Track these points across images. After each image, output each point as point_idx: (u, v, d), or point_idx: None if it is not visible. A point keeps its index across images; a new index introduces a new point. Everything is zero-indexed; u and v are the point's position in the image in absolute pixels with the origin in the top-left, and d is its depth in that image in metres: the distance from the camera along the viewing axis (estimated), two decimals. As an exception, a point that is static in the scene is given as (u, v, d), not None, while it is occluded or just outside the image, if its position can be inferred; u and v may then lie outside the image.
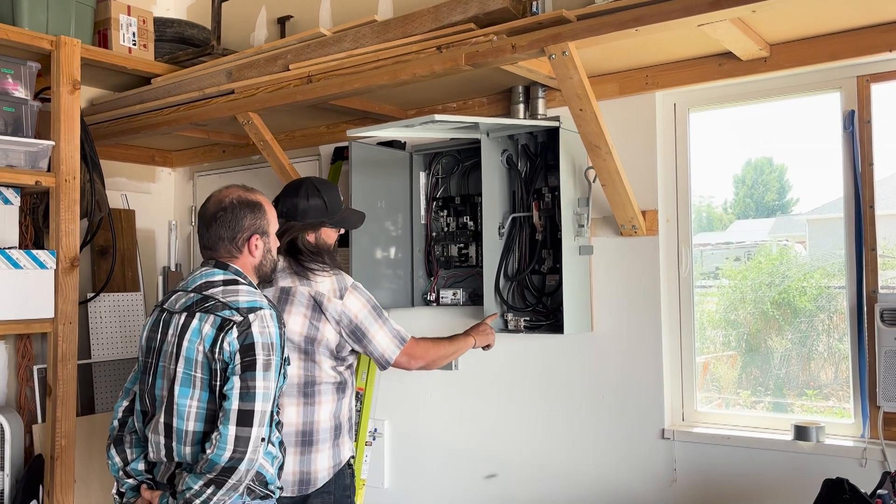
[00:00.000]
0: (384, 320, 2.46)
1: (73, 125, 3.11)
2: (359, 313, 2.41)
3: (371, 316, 2.43)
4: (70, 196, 3.09)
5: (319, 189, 2.51)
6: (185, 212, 4.41)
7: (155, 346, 2.12)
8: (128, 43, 3.53)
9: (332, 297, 2.39)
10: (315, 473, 2.37)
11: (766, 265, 2.93)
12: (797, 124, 2.81)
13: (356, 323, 2.41)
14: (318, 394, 2.39)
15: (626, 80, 2.88)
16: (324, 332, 2.39)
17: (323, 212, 2.49)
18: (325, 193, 2.50)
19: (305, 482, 2.35)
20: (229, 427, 1.93)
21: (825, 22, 2.41)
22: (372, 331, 2.42)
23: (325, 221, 2.50)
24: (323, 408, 2.39)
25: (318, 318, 2.38)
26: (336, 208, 2.54)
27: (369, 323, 2.42)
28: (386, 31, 2.85)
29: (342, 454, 2.44)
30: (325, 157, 3.74)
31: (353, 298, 2.41)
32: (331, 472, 2.40)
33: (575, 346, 2.99)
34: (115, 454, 2.18)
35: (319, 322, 2.38)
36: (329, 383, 2.41)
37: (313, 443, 2.37)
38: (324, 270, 2.43)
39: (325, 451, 2.40)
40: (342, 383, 2.45)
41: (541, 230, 2.97)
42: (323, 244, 2.51)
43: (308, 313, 2.38)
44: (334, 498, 2.42)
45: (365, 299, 2.44)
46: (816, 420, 2.62)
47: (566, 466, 3.00)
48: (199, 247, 2.19)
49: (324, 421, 2.39)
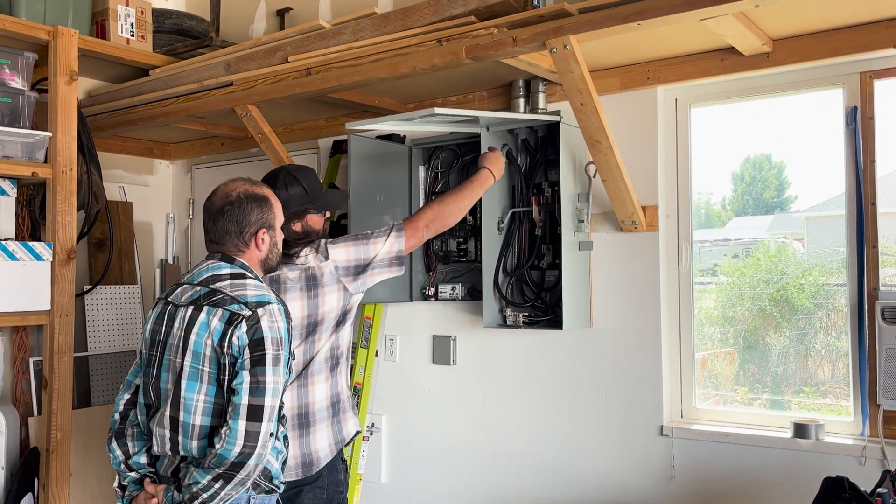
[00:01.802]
0: (372, 236, 2.47)
1: (71, 116, 3.09)
2: (348, 254, 2.43)
3: (359, 244, 2.45)
4: (67, 188, 3.07)
5: (297, 176, 2.49)
6: (183, 204, 4.39)
7: (160, 339, 2.10)
8: (126, 34, 3.51)
9: (321, 265, 2.40)
10: (316, 453, 2.37)
11: (765, 262, 2.92)
12: (796, 121, 2.80)
13: (353, 262, 2.43)
14: (311, 374, 2.39)
15: (626, 75, 2.87)
16: (325, 306, 2.39)
17: (305, 198, 2.48)
18: (303, 180, 2.49)
19: (308, 464, 2.35)
20: (239, 422, 1.92)
21: (828, 17, 2.39)
22: (371, 252, 2.44)
23: (308, 208, 2.49)
24: (317, 388, 2.40)
25: (316, 293, 2.39)
26: (317, 192, 2.52)
27: (363, 249, 2.44)
28: (386, 24, 2.83)
29: (345, 430, 2.44)
30: (324, 150, 3.73)
31: (335, 248, 2.43)
32: (332, 451, 2.40)
33: (574, 342, 2.97)
34: (116, 447, 2.16)
35: (318, 297, 2.38)
36: (321, 363, 2.41)
37: (310, 424, 2.37)
38: (302, 248, 2.42)
39: (324, 430, 2.40)
40: (336, 361, 2.45)
41: (540, 225, 2.95)
42: (311, 230, 2.51)
43: (303, 294, 2.37)
44: (327, 494, 2.41)
45: (343, 241, 2.46)
46: (816, 418, 2.61)
47: (564, 462, 3.00)
48: (205, 240, 2.18)
49: (319, 401, 2.40)
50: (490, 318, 2.93)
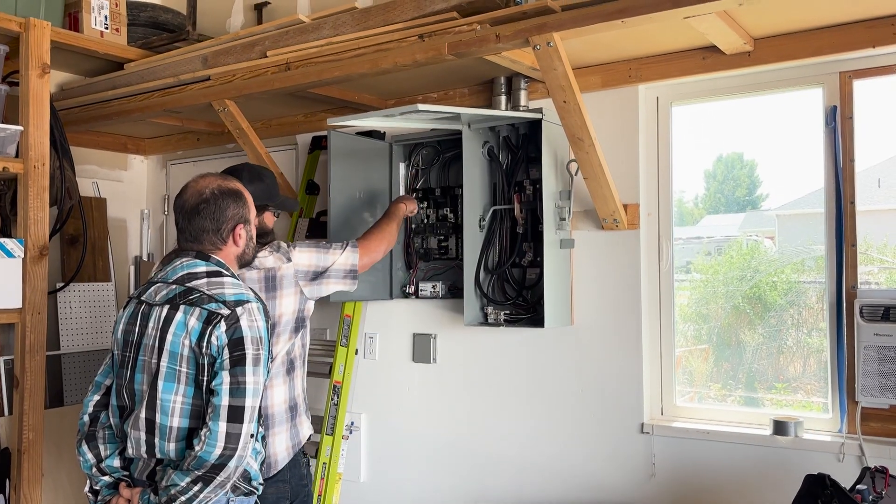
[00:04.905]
0: (331, 246, 2.59)
1: (43, 110, 3.02)
2: (309, 259, 2.51)
3: (320, 252, 2.55)
4: (39, 183, 3.00)
5: (260, 173, 2.55)
6: (158, 200, 4.32)
7: (133, 339, 2.05)
8: (100, 27, 3.44)
9: (282, 266, 2.44)
10: (274, 456, 2.39)
11: (738, 260, 2.94)
12: (771, 120, 2.82)
13: (312, 267, 2.51)
14: (269, 377, 2.37)
15: (608, 73, 2.86)
16: (281, 307, 2.42)
17: (266, 195, 2.52)
18: (266, 177, 2.55)
19: (267, 466, 2.36)
20: (219, 423, 1.89)
21: (810, 17, 2.41)
22: (328, 260, 2.54)
23: (268, 205, 2.55)
24: (275, 391, 2.42)
25: (274, 294, 2.41)
26: (276, 192, 2.59)
27: (322, 257, 2.54)
28: (367, 19, 2.79)
29: (301, 433, 2.49)
30: (303, 146, 3.68)
31: (298, 253, 2.51)
32: (290, 453, 2.43)
33: (555, 339, 2.97)
34: (87, 450, 2.10)
35: (276, 298, 2.41)
36: (278, 366, 2.42)
37: (269, 426, 2.39)
38: (262, 249, 2.45)
39: (283, 433, 2.43)
40: (291, 366, 2.48)
41: (522, 223, 2.94)
42: (265, 229, 2.56)
43: (263, 295, 2.37)
44: (290, 487, 2.43)
45: (306, 246, 2.55)
46: (795, 415, 2.63)
47: (545, 460, 2.99)
48: (179, 239, 2.13)
49: (277, 404, 2.42)
50: (471, 316, 2.91)
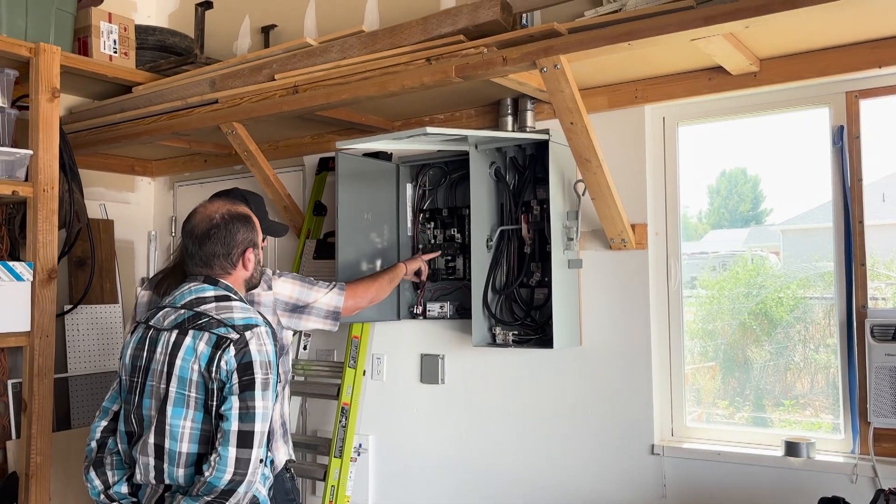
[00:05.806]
0: (317, 283, 2.60)
1: (52, 134, 3.04)
2: (292, 291, 2.54)
3: (304, 286, 2.57)
4: (48, 206, 3.02)
5: (247, 199, 2.57)
6: (165, 222, 4.33)
7: (141, 364, 2.05)
8: (108, 50, 3.47)
9: (261, 293, 2.46)
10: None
11: (744, 276, 2.93)
12: (774, 137, 2.82)
13: (293, 300, 2.53)
14: None
15: (615, 94, 2.87)
16: None
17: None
18: (252, 203, 2.56)
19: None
20: (229, 449, 1.88)
21: (815, 38, 2.41)
22: (311, 296, 2.57)
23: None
24: None
25: None
26: (263, 217, 2.59)
27: (305, 292, 2.56)
28: (374, 42, 2.81)
29: (277, 459, 2.47)
30: (310, 167, 3.70)
31: (281, 283, 2.52)
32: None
33: (563, 360, 2.96)
34: (94, 477, 2.10)
35: None
36: None
37: None
38: None
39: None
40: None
41: (529, 243, 2.94)
42: None
43: None
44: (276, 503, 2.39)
45: (291, 278, 2.57)
46: (807, 436, 2.61)
47: (555, 482, 2.97)
48: (188, 264, 2.13)
49: None
50: (479, 336, 2.90)
